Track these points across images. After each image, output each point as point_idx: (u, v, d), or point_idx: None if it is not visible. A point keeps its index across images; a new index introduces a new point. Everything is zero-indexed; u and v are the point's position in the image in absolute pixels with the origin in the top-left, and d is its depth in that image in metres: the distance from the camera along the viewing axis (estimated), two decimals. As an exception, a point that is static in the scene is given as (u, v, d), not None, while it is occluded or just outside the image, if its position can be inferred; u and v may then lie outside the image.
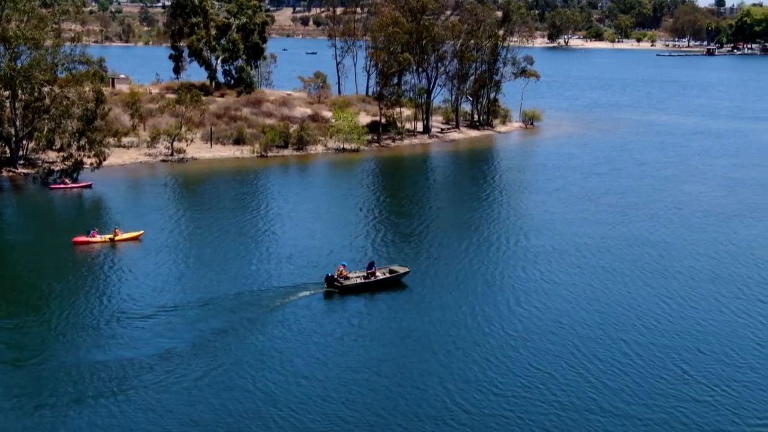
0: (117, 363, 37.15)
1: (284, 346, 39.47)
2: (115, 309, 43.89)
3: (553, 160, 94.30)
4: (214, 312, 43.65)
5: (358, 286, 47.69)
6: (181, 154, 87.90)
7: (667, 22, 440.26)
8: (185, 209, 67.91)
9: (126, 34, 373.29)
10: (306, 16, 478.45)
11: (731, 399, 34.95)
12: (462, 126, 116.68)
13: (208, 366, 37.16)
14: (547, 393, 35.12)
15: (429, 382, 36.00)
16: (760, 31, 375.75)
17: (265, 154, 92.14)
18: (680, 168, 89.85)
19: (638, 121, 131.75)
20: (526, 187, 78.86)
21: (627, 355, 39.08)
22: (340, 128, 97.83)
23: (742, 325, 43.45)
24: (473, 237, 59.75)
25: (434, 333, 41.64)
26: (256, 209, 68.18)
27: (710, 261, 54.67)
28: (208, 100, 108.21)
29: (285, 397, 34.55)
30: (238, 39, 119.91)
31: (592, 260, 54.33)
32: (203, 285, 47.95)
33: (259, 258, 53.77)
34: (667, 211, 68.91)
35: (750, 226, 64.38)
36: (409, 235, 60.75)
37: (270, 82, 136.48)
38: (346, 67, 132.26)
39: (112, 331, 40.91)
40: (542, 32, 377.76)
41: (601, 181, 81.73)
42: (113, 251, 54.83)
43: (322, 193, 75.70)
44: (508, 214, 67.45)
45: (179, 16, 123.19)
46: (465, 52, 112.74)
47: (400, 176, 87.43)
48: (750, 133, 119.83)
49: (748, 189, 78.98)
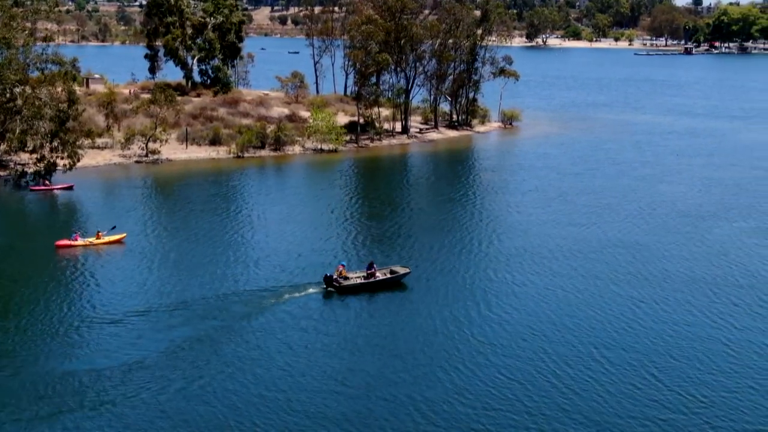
0: (92, 372, 36.43)
1: (282, 349, 39.19)
2: (93, 315, 43.21)
3: (531, 160, 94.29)
4: (203, 315, 43.29)
5: (357, 287, 47.41)
6: (156, 155, 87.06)
7: (645, 22, 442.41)
8: (166, 211, 67.26)
9: (103, 34, 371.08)
10: (284, 15, 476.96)
11: (703, 405, 34.66)
12: (441, 126, 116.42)
13: (190, 375, 36.55)
14: (515, 401, 34.60)
15: (395, 392, 35.58)
16: (737, 30, 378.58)
17: (241, 154, 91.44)
18: (656, 168, 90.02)
19: (615, 120, 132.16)
20: (503, 188, 78.67)
21: (598, 362, 38.62)
22: (318, 128, 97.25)
23: (715, 328, 43.23)
24: (446, 239, 59.30)
25: (404, 339, 41.29)
26: (237, 211, 67.51)
27: (683, 263, 54.53)
28: (183, 100, 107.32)
29: (264, 406, 34.13)
30: (214, 38, 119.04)
31: (565, 263, 53.95)
32: (189, 288, 47.45)
33: (246, 259, 53.38)
34: (641, 212, 68.86)
35: (724, 227, 64.40)
36: (384, 236, 60.36)
37: (247, 81, 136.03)
38: (324, 66, 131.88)
39: (88, 338, 40.28)
40: (520, 32, 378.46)
41: (577, 181, 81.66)
42: (96, 255, 54.19)
43: (301, 195, 75.15)
44: (484, 216, 67.12)
45: (155, 15, 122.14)
46: (443, 52, 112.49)
47: (378, 177, 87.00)
48: (726, 133, 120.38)
49: (723, 189, 79.16)
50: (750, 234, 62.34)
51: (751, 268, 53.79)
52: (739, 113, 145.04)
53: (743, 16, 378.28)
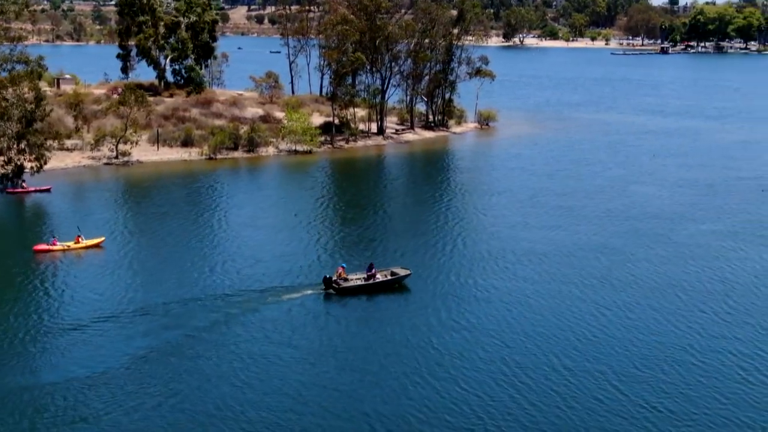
0: (66, 384, 35.51)
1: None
2: (68, 322, 42.39)
3: (506, 161, 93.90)
4: (190, 316, 43.14)
5: (356, 288, 47.18)
6: (126, 157, 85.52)
7: (621, 21, 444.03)
8: (143, 215, 66.22)
9: (77, 33, 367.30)
10: (261, 14, 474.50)
11: (665, 418, 33.81)
12: (417, 127, 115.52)
13: (184, 375, 36.29)
14: (470, 414, 33.85)
15: (347, 404, 34.84)
16: (713, 29, 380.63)
17: (214, 156, 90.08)
18: (629, 168, 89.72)
19: (590, 120, 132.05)
20: (475, 190, 77.97)
21: (558, 372, 37.72)
22: (293, 129, 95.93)
23: (680, 336, 42.40)
24: (412, 243, 58.44)
25: (365, 348, 40.61)
26: (212, 214, 66.54)
27: (650, 267, 53.90)
28: (156, 100, 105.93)
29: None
30: (187, 38, 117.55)
31: (530, 267, 53.22)
32: (172, 293, 46.91)
33: (227, 263, 52.89)
34: (611, 214, 68.27)
35: (691, 230, 63.90)
36: (361, 239, 59.69)
37: (221, 81, 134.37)
38: (300, 66, 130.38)
39: (61, 346, 39.45)
40: (497, 31, 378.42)
41: (550, 183, 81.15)
42: (75, 259, 53.28)
43: (275, 197, 74.24)
44: (455, 220, 66.21)
45: (127, 14, 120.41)
46: (419, 52, 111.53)
47: (353, 180, 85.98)
48: (701, 132, 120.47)
49: (695, 191, 78.96)
50: (719, 237, 61.93)
51: (719, 272, 53.32)
52: (713, 113, 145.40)
53: (719, 16, 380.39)
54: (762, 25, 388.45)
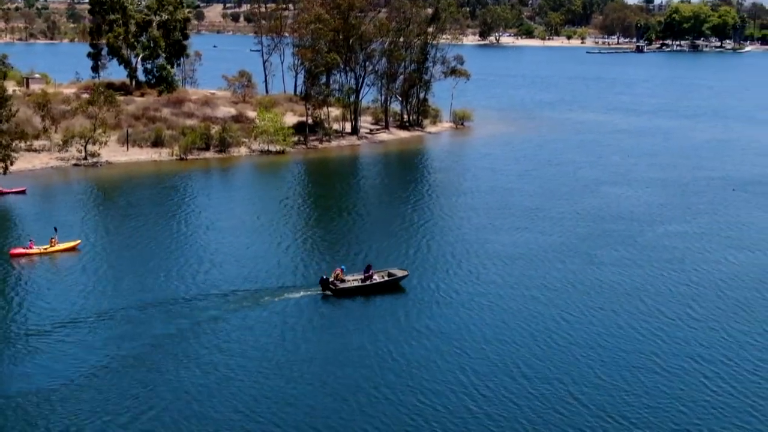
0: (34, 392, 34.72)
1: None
2: (39, 325, 41.88)
3: (479, 162, 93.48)
4: (177, 315, 43.05)
5: (354, 290, 47.15)
6: (95, 157, 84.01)
7: (597, 20, 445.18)
8: (116, 217, 65.08)
9: (51, 31, 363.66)
10: (237, 12, 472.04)
11: (623, 429, 33.15)
12: (392, 126, 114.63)
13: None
14: (424, 426, 33.18)
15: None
16: (689, 27, 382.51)
17: (184, 156, 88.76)
18: (600, 168, 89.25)
19: (565, 119, 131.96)
20: (446, 192, 77.13)
21: (516, 380, 36.88)
22: (265, 129, 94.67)
23: (641, 342, 41.40)
24: (377, 245, 57.65)
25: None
26: (185, 216, 65.62)
27: (615, 270, 53.05)
28: (127, 99, 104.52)
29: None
30: (158, 36, 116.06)
31: (494, 270, 52.46)
32: (154, 294, 46.65)
33: (205, 264, 52.53)
34: (578, 215, 67.58)
35: (658, 231, 63.39)
36: (336, 241, 59.05)
37: (194, 80, 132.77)
38: (274, 65, 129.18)
39: (34, 351, 38.82)
40: (473, 30, 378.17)
41: (522, 183, 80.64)
42: (51, 263, 52.53)
43: (246, 198, 73.33)
44: (420, 221, 65.29)
45: (98, 12, 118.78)
46: (393, 51, 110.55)
47: (325, 180, 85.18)
48: (672, 131, 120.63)
49: (665, 191, 78.56)
50: (687, 238, 61.36)
51: (685, 275, 52.59)
52: (686, 112, 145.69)
53: (694, 14, 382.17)
54: (737, 24, 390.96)
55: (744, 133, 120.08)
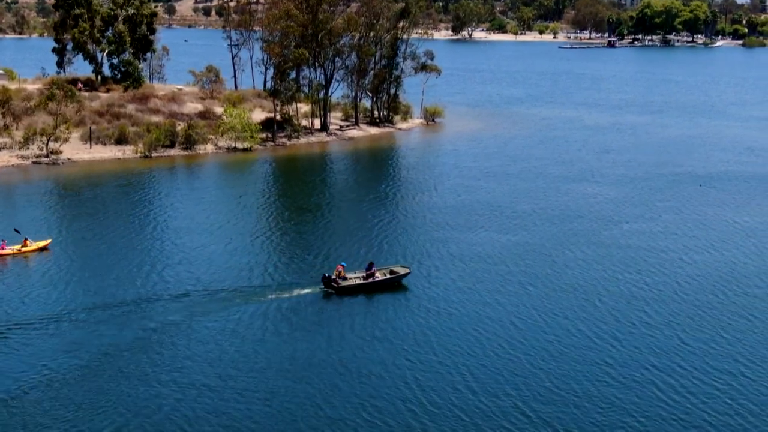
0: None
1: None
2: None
3: (448, 159, 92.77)
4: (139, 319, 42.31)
5: (356, 287, 47.02)
6: (57, 155, 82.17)
7: (569, 15, 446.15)
8: (84, 216, 63.67)
9: (20, 26, 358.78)
10: (208, 6, 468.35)
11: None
12: (362, 123, 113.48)
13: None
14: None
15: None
16: (660, 22, 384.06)
17: (149, 154, 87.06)
18: (567, 165, 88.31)
19: (534, 115, 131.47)
20: (411, 191, 76.00)
21: (460, 393, 35.46)
22: (232, 126, 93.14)
23: (595, 349, 39.98)
24: (341, 247, 56.71)
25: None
26: (152, 215, 64.48)
27: (573, 272, 51.77)
28: (92, 95, 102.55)
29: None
30: (124, 31, 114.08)
31: (447, 273, 51.26)
32: (129, 292, 46.19)
33: (174, 264, 51.83)
34: (541, 214, 66.51)
35: (624, 229, 62.79)
36: (293, 240, 58.23)
37: (162, 75, 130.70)
38: (243, 60, 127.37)
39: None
40: (446, 25, 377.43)
41: (488, 181, 79.79)
42: (22, 263, 51.74)
43: (212, 197, 71.93)
44: (379, 221, 64.09)
45: (62, 7, 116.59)
46: (363, 46, 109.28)
47: (292, 178, 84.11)
48: (639, 127, 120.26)
49: (629, 187, 78.00)
50: (648, 237, 60.40)
51: (644, 276, 51.18)
52: (654, 107, 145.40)
53: (666, 9, 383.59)
54: (708, 19, 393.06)
55: (712, 128, 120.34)
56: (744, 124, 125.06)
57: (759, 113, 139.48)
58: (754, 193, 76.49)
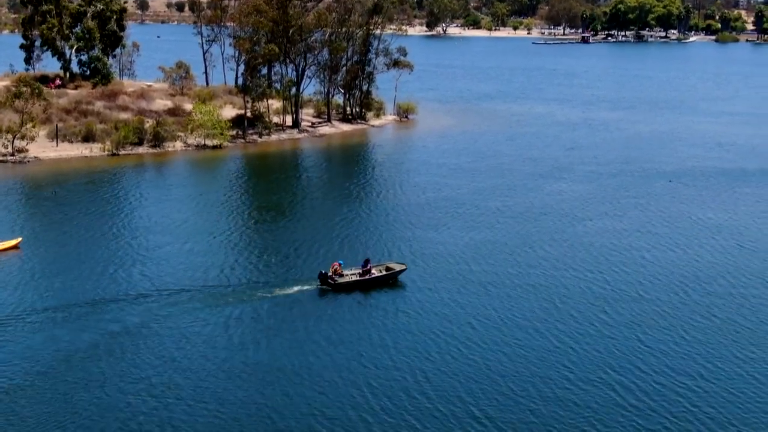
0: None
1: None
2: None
3: (419, 156, 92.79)
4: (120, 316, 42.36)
5: (352, 284, 47.25)
6: (23, 153, 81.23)
7: (543, 10, 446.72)
8: (53, 214, 63.16)
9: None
10: (181, 1, 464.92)
11: None
12: (334, 120, 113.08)
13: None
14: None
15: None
16: (634, 18, 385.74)
17: (116, 152, 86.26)
18: (537, 162, 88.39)
19: (506, 111, 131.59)
20: (379, 187, 75.98)
21: (413, 398, 35.03)
22: (202, 123, 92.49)
23: (553, 351, 39.48)
24: (321, 247, 56.42)
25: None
26: (122, 213, 64.17)
27: (535, 272, 51.34)
28: (59, 93, 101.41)
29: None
30: (93, 27, 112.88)
31: (414, 272, 50.79)
32: (96, 291, 46.02)
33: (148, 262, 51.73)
34: (508, 211, 66.47)
35: (589, 227, 62.85)
36: (263, 240, 57.98)
37: (132, 72, 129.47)
38: (215, 56, 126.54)
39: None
40: (420, 20, 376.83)
41: (458, 178, 79.64)
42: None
43: (175, 195, 71.42)
44: (352, 218, 64.10)
45: (30, 3, 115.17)
46: (334, 42, 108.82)
47: (262, 176, 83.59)
48: (610, 123, 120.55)
49: (597, 183, 78.35)
50: (615, 235, 60.42)
51: (607, 276, 51.05)
52: (625, 103, 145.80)
53: (640, 5, 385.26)
54: (681, 14, 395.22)
55: (683, 124, 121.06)
56: (714, 120, 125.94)
57: (730, 108, 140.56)
58: (721, 189, 76.95)
